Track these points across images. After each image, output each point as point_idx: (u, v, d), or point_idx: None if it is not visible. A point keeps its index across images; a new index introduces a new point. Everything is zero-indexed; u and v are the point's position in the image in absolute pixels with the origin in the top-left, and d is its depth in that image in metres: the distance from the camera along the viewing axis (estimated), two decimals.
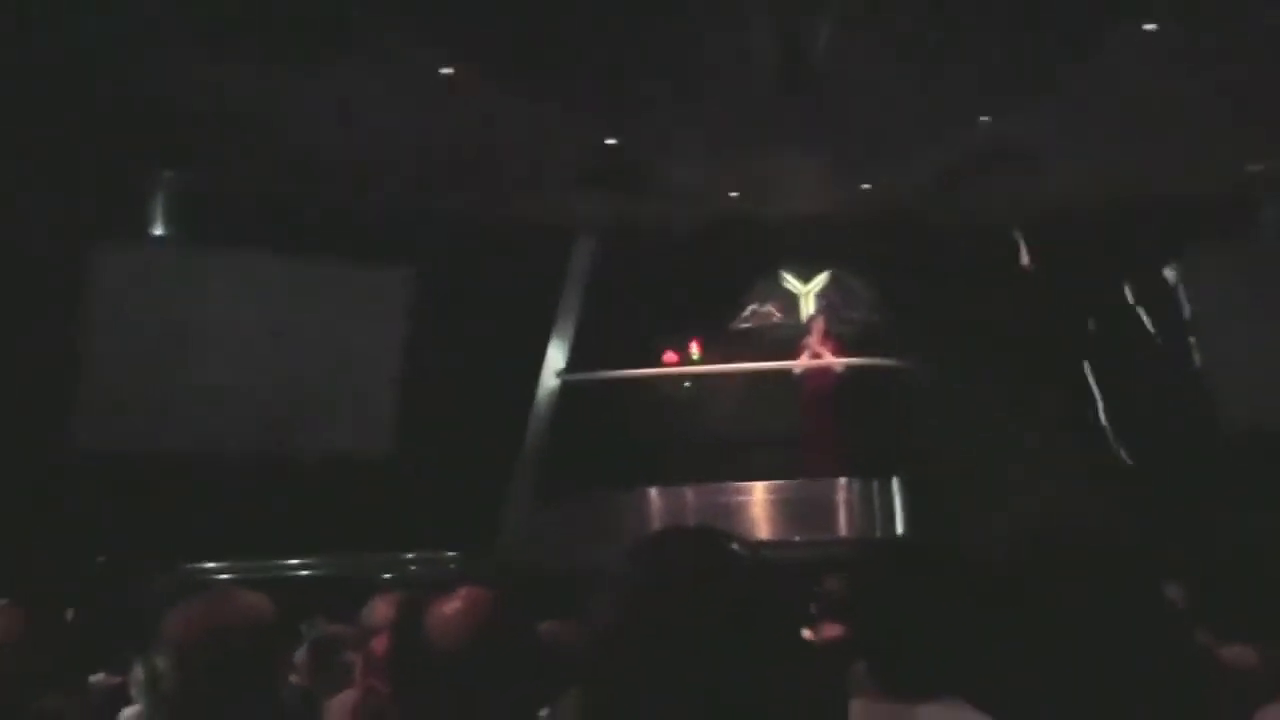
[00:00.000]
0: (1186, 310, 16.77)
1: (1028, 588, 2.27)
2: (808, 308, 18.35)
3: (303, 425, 15.62)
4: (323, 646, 7.01)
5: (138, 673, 6.69)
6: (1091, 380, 16.96)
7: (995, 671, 2.25)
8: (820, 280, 18.62)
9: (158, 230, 15.48)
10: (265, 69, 12.22)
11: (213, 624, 3.24)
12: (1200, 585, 6.98)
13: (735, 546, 1.79)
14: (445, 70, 12.64)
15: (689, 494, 16.13)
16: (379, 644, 4.37)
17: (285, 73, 12.35)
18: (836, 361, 17.00)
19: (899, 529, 15.62)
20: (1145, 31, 12.07)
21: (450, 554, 14.57)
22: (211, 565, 14.03)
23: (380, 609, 5.13)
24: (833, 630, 6.21)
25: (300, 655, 7.40)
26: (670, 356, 18.04)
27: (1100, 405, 16.82)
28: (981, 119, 14.35)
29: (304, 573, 14.80)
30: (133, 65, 12.14)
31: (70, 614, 12.88)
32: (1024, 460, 15.98)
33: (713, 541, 1.80)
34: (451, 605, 2.66)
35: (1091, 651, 2.15)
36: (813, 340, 17.10)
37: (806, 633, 5.47)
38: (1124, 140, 14.32)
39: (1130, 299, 17.08)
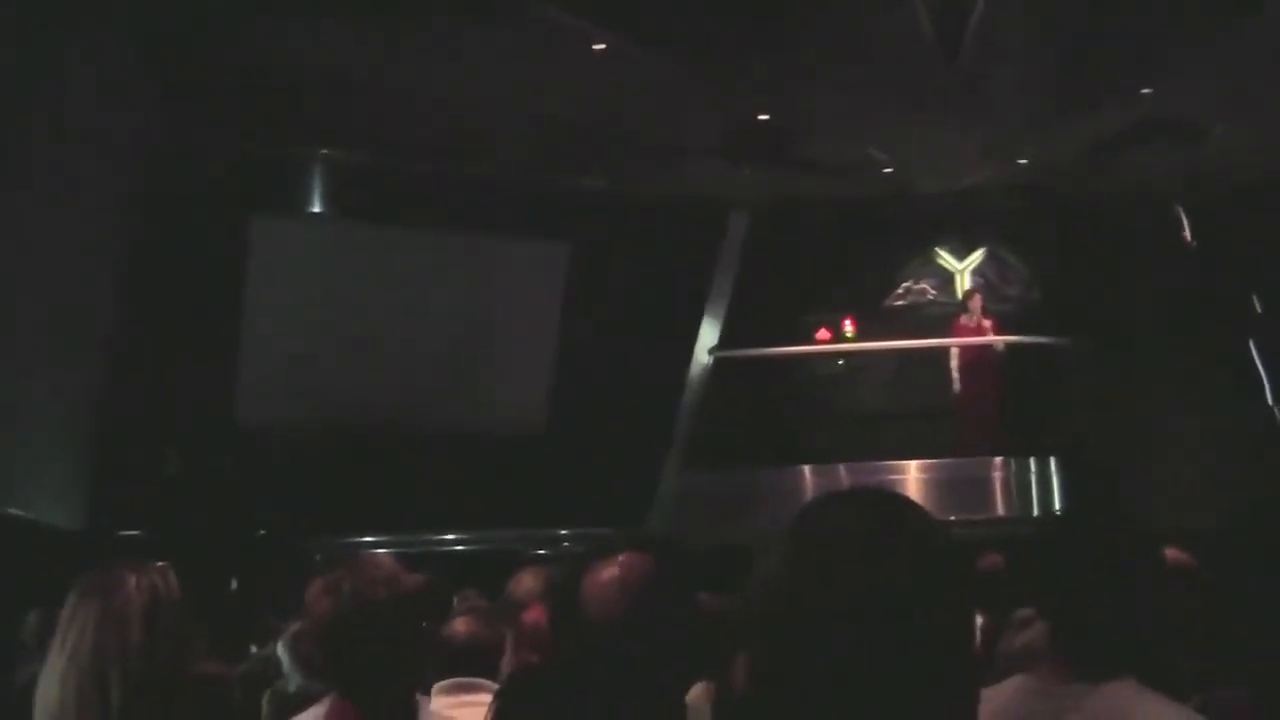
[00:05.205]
0: None
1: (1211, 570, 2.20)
2: (963, 285, 18.08)
3: (457, 401, 15.74)
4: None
5: (285, 642, 6.82)
6: (1257, 358, 16.53)
7: (1172, 651, 2.18)
8: (976, 257, 18.35)
9: (315, 207, 15.68)
10: (419, 45, 12.33)
11: (353, 593, 3.26)
12: None
13: (912, 508, 1.74)
14: (598, 45, 12.65)
15: (842, 471, 16.00)
16: (529, 616, 4.36)
17: (439, 48, 12.46)
18: (994, 340, 16.74)
19: (1056, 509, 15.40)
20: None
21: (602, 530, 14.60)
22: (368, 539, 14.22)
23: (525, 582, 5.11)
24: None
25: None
26: (824, 334, 17.93)
27: (1267, 384, 16.39)
28: (1142, 91, 14.05)
29: (458, 548, 14.95)
30: (290, 41, 12.32)
31: (233, 584, 13.21)
32: (1186, 440, 15.66)
33: (890, 500, 1.75)
34: (609, 571, 2.61)
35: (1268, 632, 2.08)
36: (972, 317, 16.83)
37: None
38: None
39: None
